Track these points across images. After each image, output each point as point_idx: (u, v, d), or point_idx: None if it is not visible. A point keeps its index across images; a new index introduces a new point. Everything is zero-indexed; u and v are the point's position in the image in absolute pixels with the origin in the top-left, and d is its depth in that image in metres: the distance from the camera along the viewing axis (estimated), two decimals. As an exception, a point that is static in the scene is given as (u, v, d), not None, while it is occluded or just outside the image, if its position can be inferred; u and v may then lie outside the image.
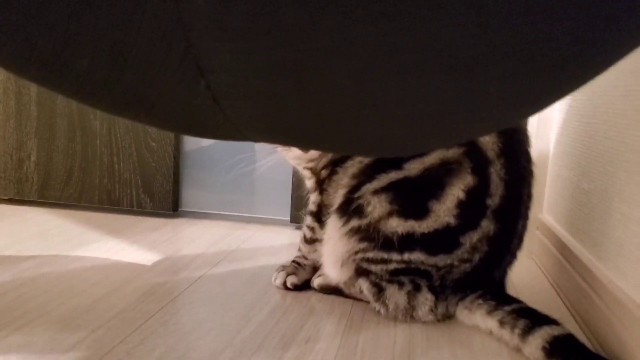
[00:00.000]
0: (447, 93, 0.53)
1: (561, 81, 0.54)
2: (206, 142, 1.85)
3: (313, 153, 1.05)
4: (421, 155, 1.01)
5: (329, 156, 1.11)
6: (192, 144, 1.84)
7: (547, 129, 1.49)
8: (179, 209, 1.85)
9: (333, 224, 1.07)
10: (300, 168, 1.19)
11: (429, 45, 0.44)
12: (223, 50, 0.48)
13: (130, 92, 0.58)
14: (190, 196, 1.85)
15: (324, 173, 1.14)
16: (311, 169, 1.16)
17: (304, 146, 0.97)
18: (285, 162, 1.13)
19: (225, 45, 0.47)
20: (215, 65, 0.50)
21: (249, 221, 1.81)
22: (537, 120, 1.50)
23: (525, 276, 1.36)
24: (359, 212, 1.03)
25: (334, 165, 1.12)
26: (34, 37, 0.47)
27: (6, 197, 1.89)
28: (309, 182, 1.19)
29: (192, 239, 1.56)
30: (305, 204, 1.22)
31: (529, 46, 0.45)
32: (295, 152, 1.04)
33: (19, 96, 1.84)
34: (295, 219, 1.73)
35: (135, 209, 1.82)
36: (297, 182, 1.68)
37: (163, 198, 1.80)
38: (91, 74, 0.53)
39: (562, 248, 1.24)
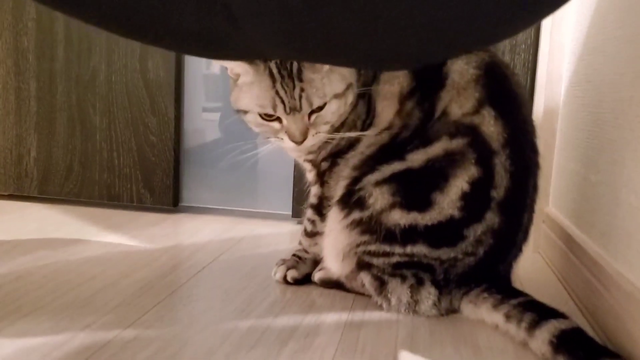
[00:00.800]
0: None
1: None
2: (207, 137, 1.83)
3: (309, 144, 1.03)
4: (424, 145, 0.98)
5: (329, 148, 1.09)
6: (192, 141, 1.82)
7: (552, 120, 1.46)
8: (180, 204, 1.83)
9: (334, 216, 1.05)
10: (300, 160, 1.17)
11: None
12: None
13: (155, 13, 0.60)
14: (190, 191, 1.84)
15: (324, 165, 1.12)
16: (311, 161, 1.14)
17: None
18: (283, 152, 1.11)
19: None
20: None
21: (250, 216, 1.79)
22: (542, 111, 1.47)
23: (531, 270, 1.33)
24: (361, 204, 1.00)
25: (334, 157, 1.10)
26: None
27: (6, 193, 1.87)
28: (310, 175, 1.17)
29: (192, 234, 1.54)
30: (307, 198, 1.20)
31: None
32: (288, 143, 1.02)
33: (19, 91, 1.82)
34: (297, 214, 1.71)
35: (135, 204, 1.80)
36: (298, 176, 1.66)
37: (163, 193, 1.78)
38: None
39: (569, 241, 1.21)
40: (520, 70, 1.52)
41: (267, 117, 1.02)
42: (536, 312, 0.89)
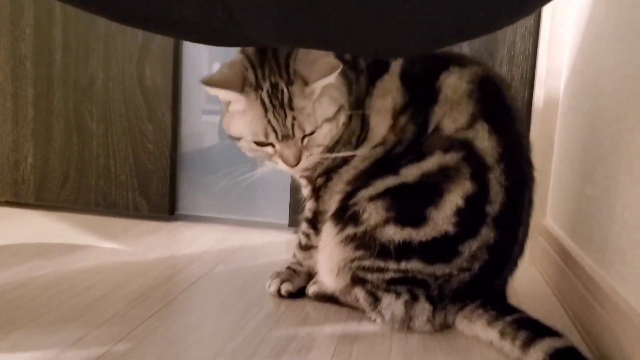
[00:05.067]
0: None
1: None
2: (204, 145, 1.82)
3: (303, 166, 1.03)
4: (418, 160, 0.98)
5: (325, 164, 1.09)
6: (190, 146, 1.82)
7: (551, 131, 1.46)
8: (176, 212, 1.82)
9: (328, 230, 1.05)
10: (297, 176, 1.16)
11: None
12: None
13: (157, 5, 0.63)
14: (187, 199, 1.83)
15: (320, 181, 1.11)
16: (307, 178, 1.13)
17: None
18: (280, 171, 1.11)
19: None
20: None
21: (246, 225, 1.78)
22: (540, 124, 1.47)
23: (527, 284, 1.33)
24: (355, 219, 1.00)
25: (329, 172, 1.09)
26: None
27: (2, 200, 1.87)
28: (306, 190, 1.16)
29: (188, 243, 1.54)
30: (303, 209, 1.20)
31: None
32: (282, 166, 1.02)
33: (16, 97, 1.82)
34: (294, 223, 1.70)
35: (131, 211, 1.79)
36: (295, 186, 1.65)
37: (159, 201, 1.77)
38: None
39: (565, 255, 1.21)
40: (518, 82, 1.51)
41: (260, 144, 1.02)
42: (531, 329, 0.89)
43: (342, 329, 1.01)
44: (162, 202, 1.77)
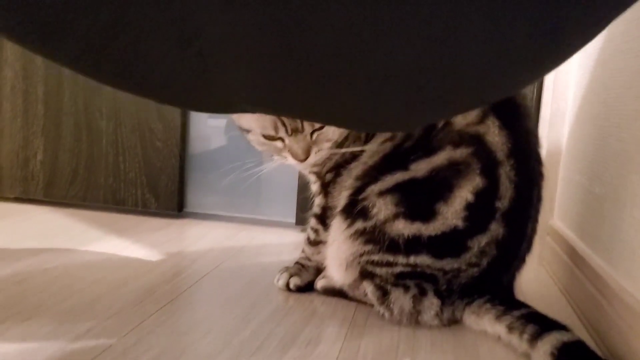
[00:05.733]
0: (427, 60, 0.54)
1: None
2: (212, 144, 1.83)
3: (312, 161, 1.03)
4: (428, 155, 0.98)
5: (334, 160, 1.09)
6: (198, 145, 1.82)
7: (559, 131, 1.46)
8: (184, 210, 1.83)
9: (337, 225, 1.05)
10: (305, 172, 1.17)
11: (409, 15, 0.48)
12: (212, 10, 0.49)
13: (128, 59, 0.59)
14: (195, 197, 1.84)
15: (329, 176, 1.12)
16: (316, 173, 1.14)
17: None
18: (289, 166, 1.11)
19: (213, 4, 0.48)
20: (204, 25, 0.51)
21: (253, 223, 1.79)
22: (549, 123, 1.47)
23: (535, 283, 1.32)
24: (364, 214, 1.00)
25: (338, 168, 1.10)
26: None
27: (12, 196, 1.88)
28: (314, 186, 1.17)
29: (195, 240, 1.54)
30: (311, 207, 1.20)
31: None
32: (291, 160, 1.03)
33: (26, 95, 1.83)
34: (301, 221, 1.71)
35: (140, 208, 1.80)
36: (302, 184, 1.66)
37: (168, 198, 1.78)
38: (90, 37, 0.54)
39: (573, 254, 1.21)
40: (526, 82, 1.51)
41: (269, 137, 1.02)
42: (538, 324, 0.89)
43: (350, 324, 1.01)
44: (171, 200, 1.78)
